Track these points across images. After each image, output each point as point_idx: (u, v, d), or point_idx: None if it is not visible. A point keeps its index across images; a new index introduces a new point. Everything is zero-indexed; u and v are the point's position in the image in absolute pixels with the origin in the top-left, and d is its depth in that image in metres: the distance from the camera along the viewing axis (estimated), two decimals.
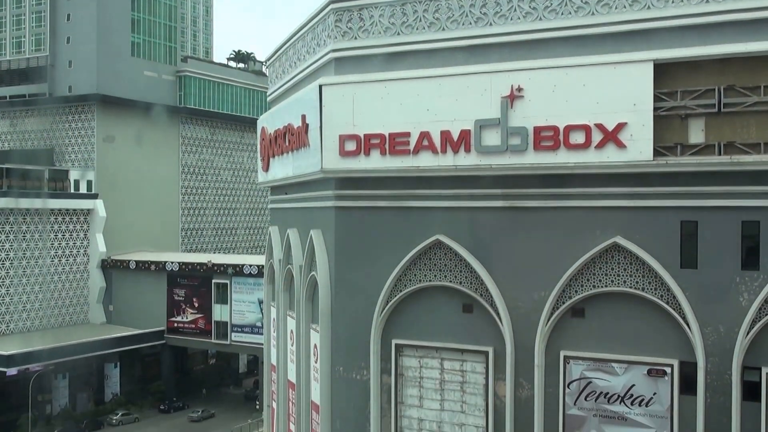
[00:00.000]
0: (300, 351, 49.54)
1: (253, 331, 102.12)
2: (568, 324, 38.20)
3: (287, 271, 52.97)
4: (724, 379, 35.11)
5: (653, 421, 36.36)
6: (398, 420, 41.96)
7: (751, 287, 34.66)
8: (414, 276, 41.23)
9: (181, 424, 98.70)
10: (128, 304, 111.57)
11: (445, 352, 40.90)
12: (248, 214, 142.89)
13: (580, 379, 37.70)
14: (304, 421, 48.72)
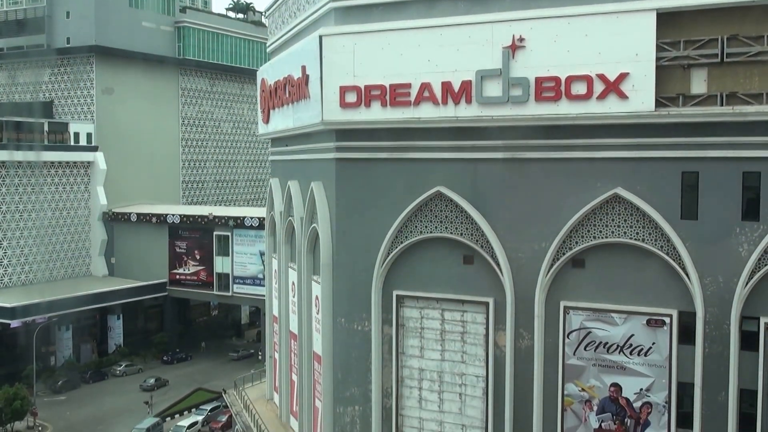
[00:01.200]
0: (301, 302, 49.87)
1: (254, 282, 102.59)
2: (568, 275, 38.39)
3: (288, 223, 53.07)
4: (723, 329, 35.39)
5: (652, 371, 36.73)
6: (399, 370, 42.39)
7: (751, 238, 34.76)
8: (415, 228, 41.32)
9: (190, 373, 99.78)
10: (130, 257, 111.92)
11: (446, 303, 41.17)
12: (249, 166, 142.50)
13: (580, 329, 38.00)
14: (306, 372, 49.22)
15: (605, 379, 37.66)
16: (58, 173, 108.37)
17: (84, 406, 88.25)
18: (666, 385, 36.46)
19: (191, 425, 79.46)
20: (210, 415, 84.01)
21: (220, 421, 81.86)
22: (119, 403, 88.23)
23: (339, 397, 44.47)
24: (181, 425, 79.29)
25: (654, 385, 36.70)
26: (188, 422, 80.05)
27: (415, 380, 42.20)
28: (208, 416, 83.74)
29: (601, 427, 37.90)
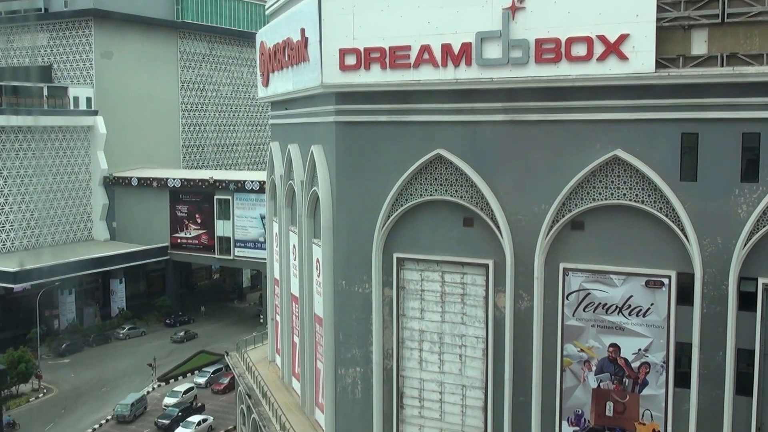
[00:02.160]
0: (302, 265, 50.13)
1: (255, 246, 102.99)
2: (568, 237, 38.56)
3: (289, 187, 53.17)
4: (721, 289, 35.62)
5: (650, 331, 37.04)
6: (400, 331, 42.73)
7: (750, 199, 34.86)
8: (415, 190, 41.42)
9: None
10: (131, 221, 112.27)
11: (446, 265, 41.39)
12: (249, 130, 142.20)
13: (579, 291, 38.25)
14: (308, 334, 49.62)
15: (604, 340, 37.98)
16: (58, 138, 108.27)
17: (88, 368, 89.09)
18: (664, 346, 36.78)
19: (187, 390, 79.88)
20: (213, 377, 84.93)
21: (222, 383, 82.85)
22: (123, 365, 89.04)
23: (340, 358, 44.89)
24: (177, 390, 79.80)
25: (652, 345, 37.02)
26: (184, 388, 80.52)
27: (416, 342, 42.57)
28: (211, 378, 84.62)
29: (599, 387, 38.30)
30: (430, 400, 42.40)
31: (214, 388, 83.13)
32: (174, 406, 75.86)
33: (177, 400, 77.86)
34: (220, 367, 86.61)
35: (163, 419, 73.62)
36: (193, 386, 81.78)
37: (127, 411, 74.95)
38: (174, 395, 78.93)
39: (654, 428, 37.37)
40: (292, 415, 49.23)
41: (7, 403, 75.17)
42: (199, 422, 72.20)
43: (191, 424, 71.63)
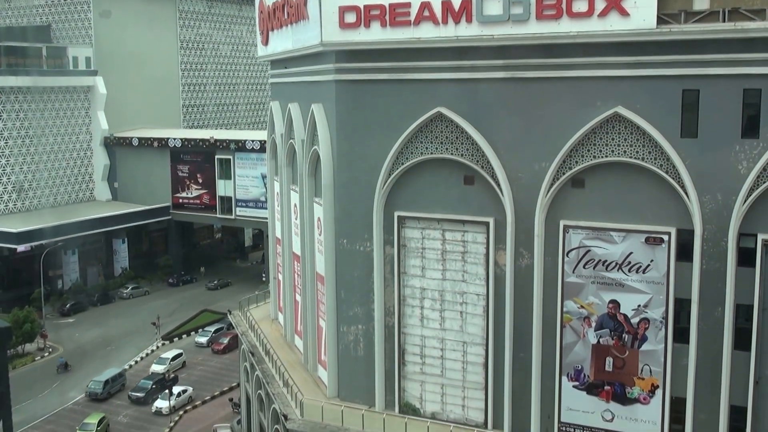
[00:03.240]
0: (304, 224, 50.30)
1: (257, 205, 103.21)
2: (568, 194, 38.64)
3: (289, 146, 53.15)
4: (721, 245, 35.79)
5: (650, 287, 37.29)
6: (401, 289, 43.03)
7: (751, 155, 34.87)
8: (416, 149, 41.43)
9: (195, 295, 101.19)
10: (133, 181, 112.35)
11: (447, 223, 41.56)
12: (249, 89, 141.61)
13: (579, 248, 38.43)
14: (310, 292, 49.94)
15: (604, 296, 38.26)
16: (58, 98, 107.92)
17: (92, 328, 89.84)
18: (663, 301, 37.06)
19: (174, 357, 79.25)
20: (213, 336, 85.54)
21: (222, 343, 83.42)
22: (127, 324, 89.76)
23: (342, 316, 45.26)
24: (165, 357, 79.03)
25: (652, 301, 37.30)
26: (172, 354, 79.84)
27: (417, 299, 42.89)
28: (212, 337, 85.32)
29: (599, 343, 38.67)
30: (431, 356, 42.84)
31: (213, 348, 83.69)
32: (147, 378, 73.67)
33: (164, 367, 76.63)
34: (221, 327, 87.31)
35: (136, 392, 71.65)
36: (181, 352, 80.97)
37: (99, 389, 71.56)
38: (161, 362, 77.83)
39: (653, 383, 37.80)
40: (295, 372, 49.74)
41: (13, 362, 75.93)
42: (179, 393, 70.79)
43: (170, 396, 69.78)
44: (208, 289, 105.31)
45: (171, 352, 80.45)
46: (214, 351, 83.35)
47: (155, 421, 67.98)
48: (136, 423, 67.78)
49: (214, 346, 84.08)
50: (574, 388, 39.43)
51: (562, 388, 39.61)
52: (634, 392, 38.29)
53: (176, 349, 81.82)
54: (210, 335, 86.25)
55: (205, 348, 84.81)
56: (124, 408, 70.32)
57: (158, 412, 68.80)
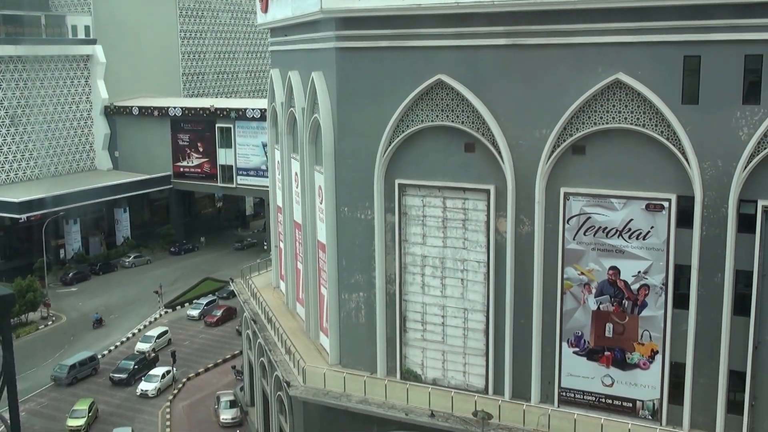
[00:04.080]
0: (305, 192, 50.37)
1: (258, 174, 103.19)
2: (569, 161, 38.66)
3: (290, 114, 53.07)
4: (721, 212, 35.87)
5: (650, 254, 37.43)
6: (402, 257, 43.20)
7: (751, 121, 34.84)
8: (416, 116, 41.37)
9: (197, 263, 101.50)
10: (134, 150, 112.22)
11: (448, 191, 41.62)
12: (249, 57, 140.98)
13: (580, 215, 38.53)
14: (311, 260, 50.14)
15: (604, 263, 38.42)
16: (58, 67, 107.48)
17: (95, 296, 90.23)
18: (663, 268, 37.22)
19: (160, 335, 76.14)
20: (205, 309, 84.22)
21: (215, 315, 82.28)
22: (130, 293, 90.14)
23: (344, 284, 45.48)
24: (150, 335, 75.94)
25: (652, 267, 37.47)
26: (157, 332, 76.66)
27: (418, 267, 43.07)
28: (205, 310, 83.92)
29: (599, 309, 38.90)
30: (432, 323, 43.13)
31: (206, 321, 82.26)
32: (128, 358, 70.21)
33: (150, 345, 73.92)
34: (214, 299, 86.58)
35: (118, 374, 68.19)
36: (166, 330, 78.01)
37: (64, 373, 67.32)
38: (146, 340, 75.06)
39: (652, 348, 38.08)
40: (297, 339, 50.09)
41: (17, 331, 76.42)
42: (163, 374, 67.71)
43: (155, 378, 67.00)
44: (234, 249, 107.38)
45: (156, 330, 77.41)
46: (207, 324, 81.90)
47: (143, 405, 64.85)
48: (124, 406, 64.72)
49: (207, 319, 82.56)
50: (574, 353, 39.74)
51: (563, 354, 39.93)
52: (633, 358, 38.59)
53: (161, 327, 78.77)
54: (202, 308, 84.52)
55: (197, 321, 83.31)
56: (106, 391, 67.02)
57: (144, 395, 65.80)
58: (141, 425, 61.23)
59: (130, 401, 65.49)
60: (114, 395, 66.39)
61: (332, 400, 43.35)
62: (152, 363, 70.53)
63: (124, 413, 63.43)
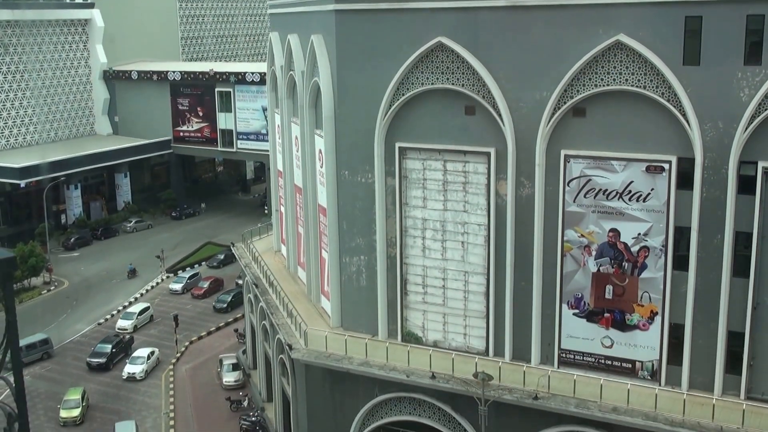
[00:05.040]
0: (305, 156, 50.33)
1: (258, 138, 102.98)
2: (569, 123, 38.57)
3: (289, 78, 52.85)
4: (721, 173, 35.87)
5: (650, 216, 37.49)
6: (403, 220, 43.28)
7: (753, 82, 34.69)
8: (416, 79, 41.21)
9: (198, 228, 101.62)
10: (133, 115, 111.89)
11: (448, 154, 41.59)
12: (248, 21, 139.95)
13: (580, 177, 38.53)
14: (312, 224, 50.24)
15: (604, 225, 38.50)
16: (56, 32, 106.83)
17: (97, 261, 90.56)
18: (663, 230, 37.30)
19: (142, 311, 73.87)
20: (189, 282, 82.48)
21: (202, 287, 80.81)
22: (131, 258, 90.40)
23: (345, 247, 45.61)
24: (131, 312, 73.56)
25: (652, 229, 37.55)
26: (139, 308, 74.36)
27: (419, 230, 43.16)
28: (188, 284, 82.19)
29: (599, 271, 39.05)
30: (433, 286, 43.32)
31: (193, 293, 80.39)
32: (104, 341, 66.80)
33: (131, 322, 71.74)
34: (197, 272, 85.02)
35: (96, 358, 64.79)
36: (148, 306, 75.64)
37: None
38: (128, 317, 72.68)
39: (652, 310, 38.30)
40: (298, 303, 50.34)
41: (20, 295, 76.82)
42: (148, 356, 65.11)
43: (139, 359, 64.46)
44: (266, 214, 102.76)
45: (137, 306, 75.23)
46: (194, 296, 79.84)
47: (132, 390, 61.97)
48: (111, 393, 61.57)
49: (194, 291, 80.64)
50: (574, 315, 39.97)
51: (563, 316, 40.16)
52: (633, 319, 38.83)
53: (143, 303, 76.48)
54: (185, 281, 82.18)
55: (180, 295, 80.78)
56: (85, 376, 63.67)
57: (131, 378, 62.97)
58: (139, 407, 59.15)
59: (116, 386, 62.51)
60: (99, 381, 63.09)
61: (334, 362, 43.69)
62: (128, 345, 67.93)
63: (116, 400, 60.52)
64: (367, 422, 44.40)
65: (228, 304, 76.66)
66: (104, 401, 60.35)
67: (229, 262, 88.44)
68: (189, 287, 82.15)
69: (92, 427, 56.76)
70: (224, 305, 76.53)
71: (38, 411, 57.58)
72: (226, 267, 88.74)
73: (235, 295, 76.85)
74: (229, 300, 77.00)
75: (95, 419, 57.78)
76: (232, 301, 76.69)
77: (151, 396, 61.35)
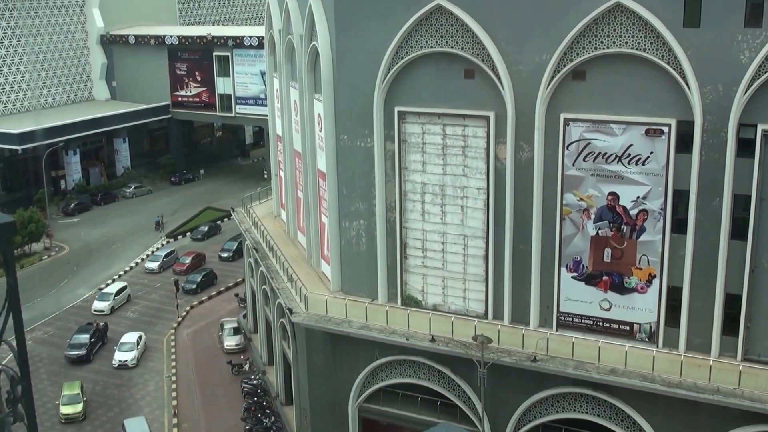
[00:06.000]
0: (304, 121, 50.23)
1: (257, 102, 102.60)
2: (569, 87, 38.45)
3: (288, 42, 52.56)
4: (720, 136, 35.84)
5: (649, 179, 37.52)
6: (402, 184, 43.30)
7: (753, 45, 34.53)
8: (415, 42, 40.99)
9: (198, 193, 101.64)
10: (131, 80, 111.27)
11: (447, 118, 41.49)
12: None
13: (579, 141, 38.49)
14: (312, 189, 50.27)
15: (603, 189, 38.53)
16: None
17: (97, 227, 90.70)
18: (662, 193, 37.35)
19: (119, 291, 70.89)
20: (165, 260, 79.07)
21: (183, 263, 78.06)
22: (131, 223, 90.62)
23: (344, 212, 45.69)
24: (108, 292, 70.62)
25: (650, 192, 37.59)
26: (116, 288, 71.42)
27: (418, 194, 43.21)
28: (164, 262, 78.79)
29: (598, 235, 39.17)
30: (432, 250, 43.46)
31: (175, 269, 76.92)
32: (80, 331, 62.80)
33: (108, 303, 68.86)
34: (173, 249, 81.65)
35: (75, 351, 60.90)
36: (125, 285, 72.54)
37: None
38: (104, 298, 69.74)
39: (650, 272, 38.47)
40: (298, 267, 50.52)
41: (21, 261, 77.05)
42: (137, 341, 62.31)
43: (128, 345, 61.63)
44: None
45: (114, 286, 72.11)
46: (176, 272, 75.67)
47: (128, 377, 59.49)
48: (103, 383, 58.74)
49: (175, 267, 77.31)
50: (572, 278, 40.16)
51: (561, 279, 40.35)
52: (631, 282, 39.02)
53: (120, 283, 73.31)
54: (161, 260, 78.58)
55: (157, 274, 77.20)
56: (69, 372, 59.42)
57: (123, 366, 60.12)
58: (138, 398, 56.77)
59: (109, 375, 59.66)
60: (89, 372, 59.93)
61: (334, 326, 43.97)
62: (104, 332, 64.29)
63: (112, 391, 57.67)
64: (367, 385, 44.80)
65: (198, 284, 73.30)
66: (100, 393, 57.42)
67: (214, 233, 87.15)
68: (166, 265, 78.53)
69: (99, 424, 53.85)
70: (194, 286, 73.08)
71: (41, 375, 58.02)
72: (210, 239, 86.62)
73: (206, 275, 74.63)
74: (199, 280, 73.74)
75: (97, 415, 54.77)
76: (202, 282, 73.86)
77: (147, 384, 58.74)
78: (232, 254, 78.94)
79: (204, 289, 74.10)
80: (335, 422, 46.14)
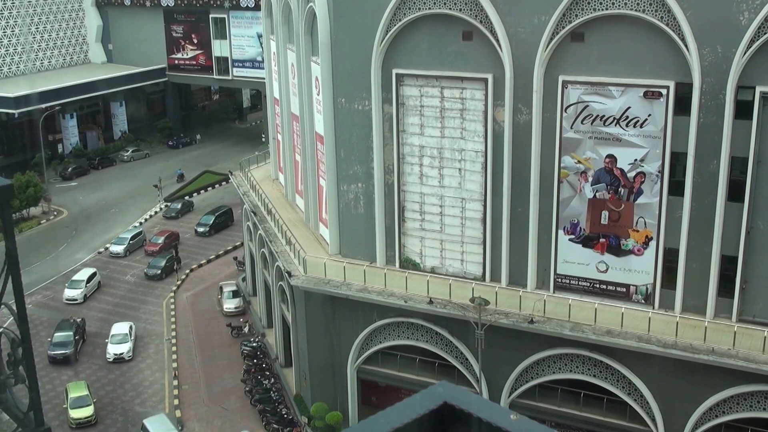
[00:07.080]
0: (302, 84, 50.04)
1: (254, 65, 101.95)
2: (567, 49, 38.29)
3: (285, 3, 52.18)
4: (719, 99, 35.77)
5: (647, 141, 37.52)
6: (400, 147, 43.27)
7: (752, 5, 34.35)
8: (413, 4, 40.72)
9: (196, 156, 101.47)
10: (127, 43, 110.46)
11: (445, 81, 41.36)
12: None
13: (578, 103, 38.42)
14: (309, 152, 50.22)
15: (601, 151, 38.54)
16: None
17: (95, 191, 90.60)
18: (660, 155, 37.37)
19: (90, 278, 66.54)
20: (131, 243, 74.29)
21: (156, 243, 73.66)
22: (129, 187, 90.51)
23: (342, 175, 45.71)
24: (78, 279, 66.14)
25: (648, 155, 37.62)
26: (86, 275, 66.88)
27: (416, 157, 43.20)
28: (130, 245, 74.04)
29: (595, 197, 39.26)
30: (430, 213, 43.56)
31: (147, 250, 73.12)
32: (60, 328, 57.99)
33: (80, 291, 64.81)
34: (140, 231, 77.49)
35: (59, 350, 56.28)
36: (95, 271, 68.14)
37: None
38: (75, 286, 65.56)
39: (647, 235, 38.62)
40: (297, 230, 50.64)
41: (20, 225, 77.08)
42: (129, 331, 58.67)
43: (120, 336, 57.93)
44: None
45: (84, 273, 67.53)
46: (148, 254, 72.32)
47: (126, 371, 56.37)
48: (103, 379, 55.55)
49: (147, 248, 73.04)
50: (570, 241, 40.32)
51: (559, 242, 40.52)
52: (628, 244, 39.18)
53: (89, 269, 68.62)
54: (127, 243, 73.67)
55: (122, 258, 72.70)
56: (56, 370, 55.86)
57: (119, 359, 56.78)
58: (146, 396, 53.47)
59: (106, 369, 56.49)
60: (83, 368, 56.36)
61: (333, 288, 44.19)
62: (83, 327, 59.65)
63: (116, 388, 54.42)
64: (365, 347, 45.15)
65: (162, 269, 68.47)
66: (104, 392, 53.89)
67: (188, 210, 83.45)
68: (133, 248, 73.92)
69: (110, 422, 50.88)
70: (158, 271, 68.20)
71: (42, 338, 58.32)
72: (184, 216, 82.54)
73: (169, 259, 69.57)
74: (163, 265, 68.74)
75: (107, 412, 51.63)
76: (167, 266, 68.95)
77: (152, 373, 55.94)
78: (209, 228, 75.91)
79: (168, 275, 68.94)
80: (334, 384, 46.58)
